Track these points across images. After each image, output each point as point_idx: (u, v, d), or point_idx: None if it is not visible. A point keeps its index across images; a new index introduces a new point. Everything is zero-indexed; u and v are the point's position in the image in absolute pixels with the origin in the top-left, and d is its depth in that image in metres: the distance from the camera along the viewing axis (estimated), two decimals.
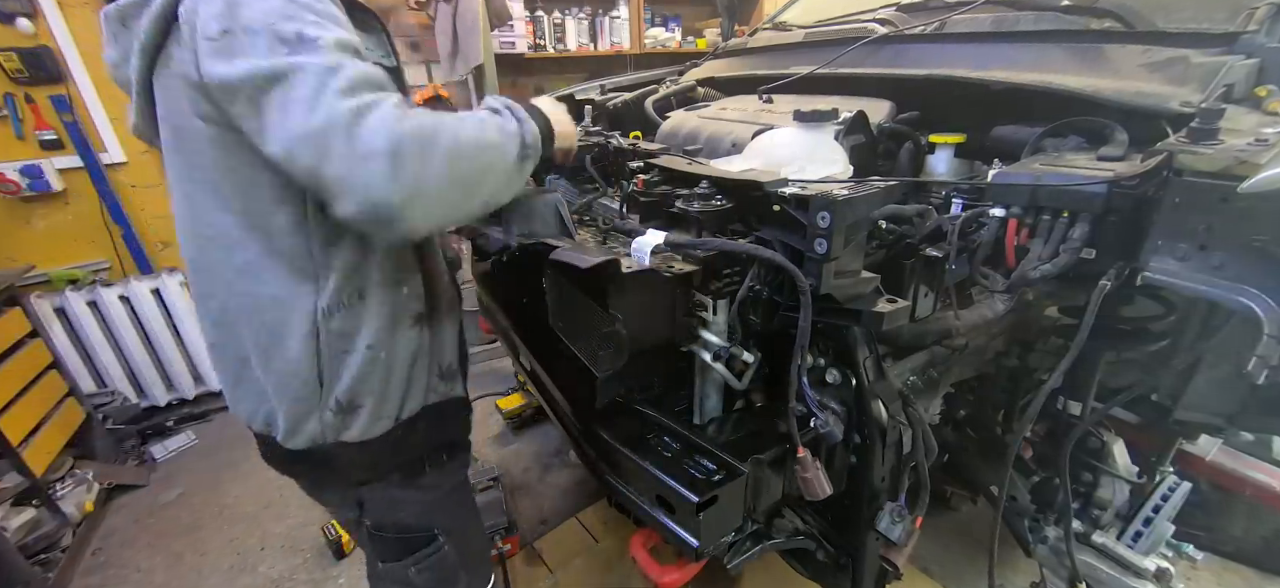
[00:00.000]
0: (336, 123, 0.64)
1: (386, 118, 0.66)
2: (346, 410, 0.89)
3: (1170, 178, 0.84)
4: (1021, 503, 1.43)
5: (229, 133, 0.74)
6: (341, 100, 0.65)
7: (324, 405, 0.88)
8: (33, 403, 2.17)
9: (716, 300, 0.95)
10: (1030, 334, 1.27)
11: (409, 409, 0.96)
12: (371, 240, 0.84)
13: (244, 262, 0.82)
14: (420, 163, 0.67)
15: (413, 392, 0.96)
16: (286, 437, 0.90)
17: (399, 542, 1.05)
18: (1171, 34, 1.19)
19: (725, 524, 0.99)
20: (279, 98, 0.66)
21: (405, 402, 0.95)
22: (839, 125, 1.22)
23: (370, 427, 0.91)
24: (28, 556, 1.99)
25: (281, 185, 0.77)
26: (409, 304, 0.93)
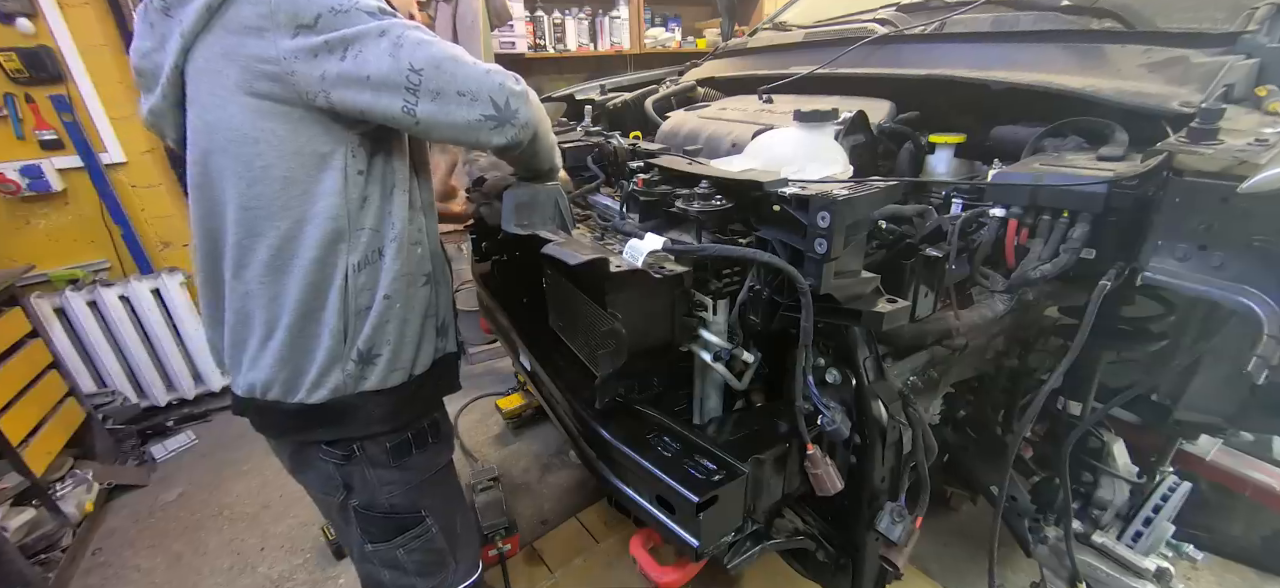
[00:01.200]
0: (472, 73, 0.85)
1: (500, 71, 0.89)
2: (366, 360, 0.96)
3: (1170, 178, 0.84)
4: (1021, 503, 1.43)
5: (281, 106, 0.81)
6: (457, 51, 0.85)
7: (347, 356, 0.94)
8: (33, 403, 2.17)
9: (716, 300, 0.95)
10: (1030, 334, 1.27)
11: (421, 365, 1.04)
12: (394, 195, 0.95)
13: (289, 226, 0.87)
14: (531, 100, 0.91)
15: (424, 347, 1.04)
16: (310, 390, 0.95)
17: (387, 522, 1.08)
18: (1171, 34, 1.19)
19: (725, 524, 0.99)
20: (386, 44, 0.80)
21: (417, 356, 1.03)
22: (839, 125, 1.22)
23: (387, 376, 0.98)
24: (28, 556, 1.99)
25: (325, 152, 0.85)
26: (422, 264, 1.02)
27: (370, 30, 0.79)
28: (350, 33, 0.79)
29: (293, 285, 0.90)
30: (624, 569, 1.93)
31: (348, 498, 1.07)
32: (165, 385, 2.83)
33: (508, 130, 0.87)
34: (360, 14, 0.80)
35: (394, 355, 0.99)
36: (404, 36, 0.80)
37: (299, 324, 0.92)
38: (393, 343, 0.98)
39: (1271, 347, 0.76)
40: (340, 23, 0.79)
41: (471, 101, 0.83)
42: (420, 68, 0.80)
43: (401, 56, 0.79)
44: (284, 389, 0.96)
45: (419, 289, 1.02)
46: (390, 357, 0.98)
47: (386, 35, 0.80)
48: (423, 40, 0.81)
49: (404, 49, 0.80)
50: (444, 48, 0.83)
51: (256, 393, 0.98)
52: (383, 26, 0.80)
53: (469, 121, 0.84)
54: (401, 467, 1.07)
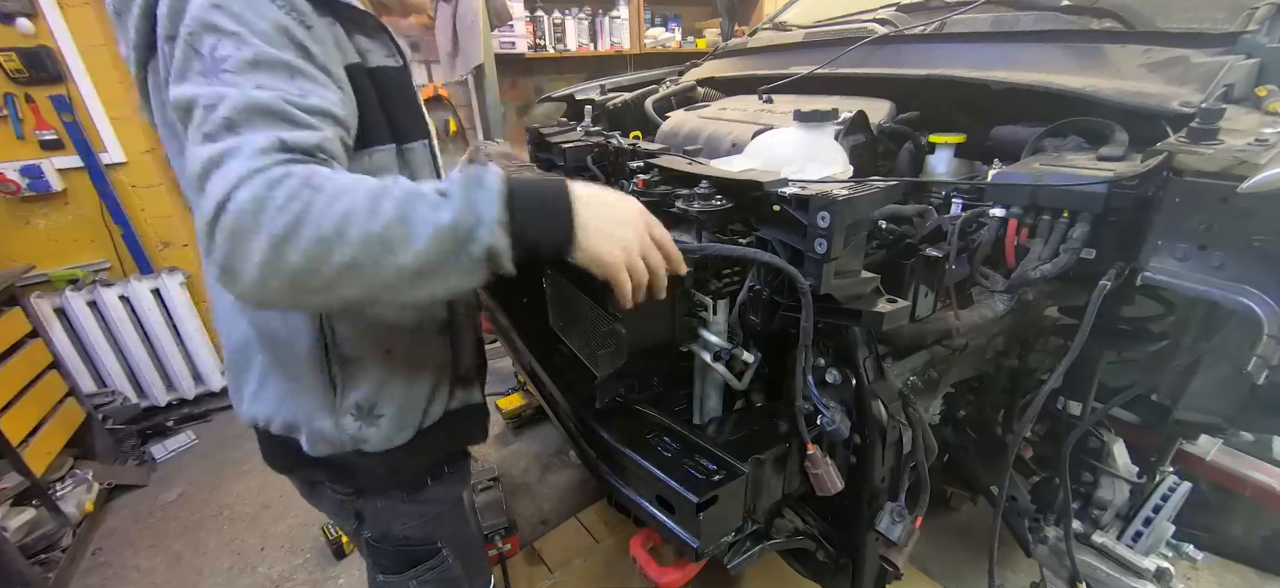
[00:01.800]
0: (193, 175, 0.58)
1: (227, 180, 0.55)
2: (367, 417, 0.86)
3: (1170, 178, 0.84)
4: (1021, 503, 1.43)
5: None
6: (203, 146, 0.58)
7: (341, 409, 0.85)
8: (33, 403, 2.17)
9: (716, 300, 0.94)
10: (1030, 334, 1.27)
11: (431, 417, 0.93)
12: None
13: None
14: (239, 245, 0.55)
15: (436, 398, 0.93)
16: (308, 442, 0.87)
17: (400, 554, 1.02)
18: (1171, 34, 1.19)
19: (725, 524, 0.99)
20: (186, 128, 0.61)
21: (428, 411, 0.92)
22: (839, 125, 1.22)
23: (393, 435, 0.88)
24: (28, 556, 1.99)
25: None
26: (433, 310, 0.90)
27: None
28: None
29: (259, 331, 0.83)
30: (624, 569, 1.93)
31: (360, 528, 1.02)
32: (165, 385, 2.83)
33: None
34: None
35: (400, 414, 0.88)
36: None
37: (286, 368, 0.84)
38: (399, 401, 0.88)
39: (1271, 347, 0.76)
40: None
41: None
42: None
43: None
44: (285, 430, 0.89)
45: (431, 340, 0.91)
46: (396, 415, 0.88)
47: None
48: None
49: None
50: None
51: (258, 424, 0.92)
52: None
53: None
54: (416, 501, 1.00)
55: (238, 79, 0.61)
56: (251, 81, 0.61)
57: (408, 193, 0.60)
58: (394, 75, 0.80)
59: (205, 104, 0.59)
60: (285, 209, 0.55)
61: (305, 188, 0.56)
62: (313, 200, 0.56)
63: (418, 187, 0.61)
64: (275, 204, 0.55)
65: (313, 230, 0.55)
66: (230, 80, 0.60)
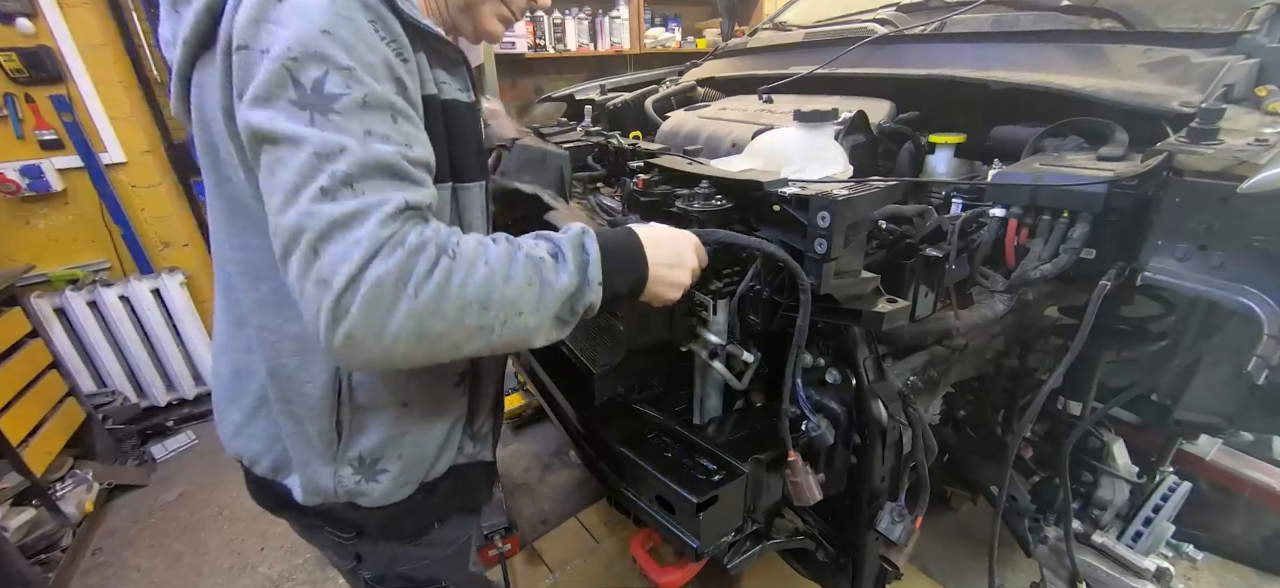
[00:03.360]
0: (304, 231, 0.53)
1: (360, 247, 0.53)
2: (368, 471, 0.79)
3: (1170, 178, 0.84)
4: (1021, 503, 1.43)
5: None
6: (320, 203, 0.53)
7: (341, 459, 0.78)
8: (33, 403, 2.17)
9: (716, 300, 0.95)
10: (1030, 334, 1.27)
11: (436, 472, 0.86)
12: None
13: (270, 291, 0.72)
14: (379, 315, 0.54)
15: (443, 454, 0.86)
16: (300, 490, 0.81)
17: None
18: (1171, 34, 1.19)
19: (725, 524, 0.99)
20: (267, 162, 0.56)
21: (433, 466, 0.85)
22: (839, 125, 1.22)
23: (393, 492, 0.81)
24: (28, 556, 1.98)
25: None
26: (455, 362, 0.80)
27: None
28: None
29: (264, 364, 0.77)
30: (624, 569, 1.93)
31: (358, 567, 0.96)
32: (165, 385, 2.82)
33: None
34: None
35: (405, 470, 0.82)
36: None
37: (289, 406, 0.77)
38: (406, 456, 0.81)
39: (1271, 347, 0.76)
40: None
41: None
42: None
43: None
44: (272, 473, 0.84)
45: (449, 392, 0.84)
46: (399, 471, 0.81)
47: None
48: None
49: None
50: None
51: (244, 462, 0.86)
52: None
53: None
54: (422, 545, 0.93)
55: (348, 123, 0.56)
56: (361, 125, 0.56)
57: (530, 257, 0.64)
58: (465, 112, 0.73)
59: (318, 151, 0.54)
60: (429, 278, 0.56)
61: (444, 255, 0.57)
62: (453, 269, 0.58)
63: (533, 248, 0.66)
64: (419, 273, 0.55)
65: (457, 299, 0.58)
66: (340, 125, 0.55)
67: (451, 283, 0.57)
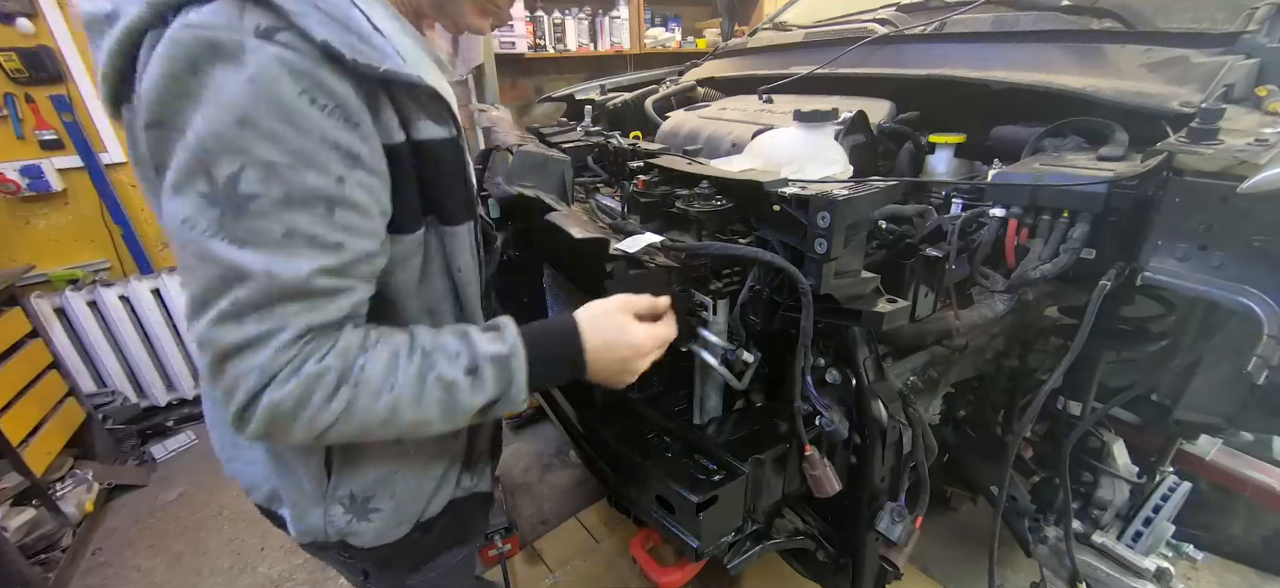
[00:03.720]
0: (206, 345, 0.53)
1: (254, 375, 0.53)
2: (360, 510, 0.75)
3: (1170, 178, 0.84)
4: (1021, 503, 1.43)
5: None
6: (221, 327, 0.52)
7: (331, 498, 0.74)
8: (33, 403, 2.17)
9: (717, 300, 0.95)
10: (1030, 334, 1.27)
11: (432, 510, 0.82)
12: (401, 312, 0.70)
13: None
14: (280, 429, 0.56)
15: (441, 490, 0.82)
16: (291, 520, 0.78)
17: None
18: (1171, 34, 1.19)
19: (725, 524, 0.99)
20: (180, 256, 0.54)
21: (429, 504, 0.81)
22: (839, 125, 1.22)
23: (385, 532, 0.78)
24: (28, 556, 1.98)
25: None
26: None
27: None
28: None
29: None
30: (624, 569, 1.93)
31: (366, 583, 0.92)
32: (165, 385, 2.82)
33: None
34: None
35: (398, 509, 0.78)
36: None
37: (267, 446, 0.75)
38: (399, 496, 0.77)
39: (1271, 347, 0.76)
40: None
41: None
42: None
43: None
44: (267, 501, 0.82)
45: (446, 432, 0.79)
46: (392, 511, 0.77)
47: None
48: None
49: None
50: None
51: (242, 485, 0.84)
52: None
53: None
54: (426, 569, 0.90)
55: (263, 226, 0.51)
56: (280, 226, 0.52)
57: (442, 380, 0.63)
58: (443, 150, 0.65)
59: (223, 274, 0.52)
60: (327, 407, 0.56)
61: (345, 385, 0.57)
62: (355, 397, 0.58)
63: (447, 369, 0.63)
64: (316, 402, 0.56)
65: (359, 421, 0.59)
66: (253, 231, 0.51)
67: (352, 410, 0.58)
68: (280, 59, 0.50)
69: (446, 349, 0.64)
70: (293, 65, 0.51)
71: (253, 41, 0.50)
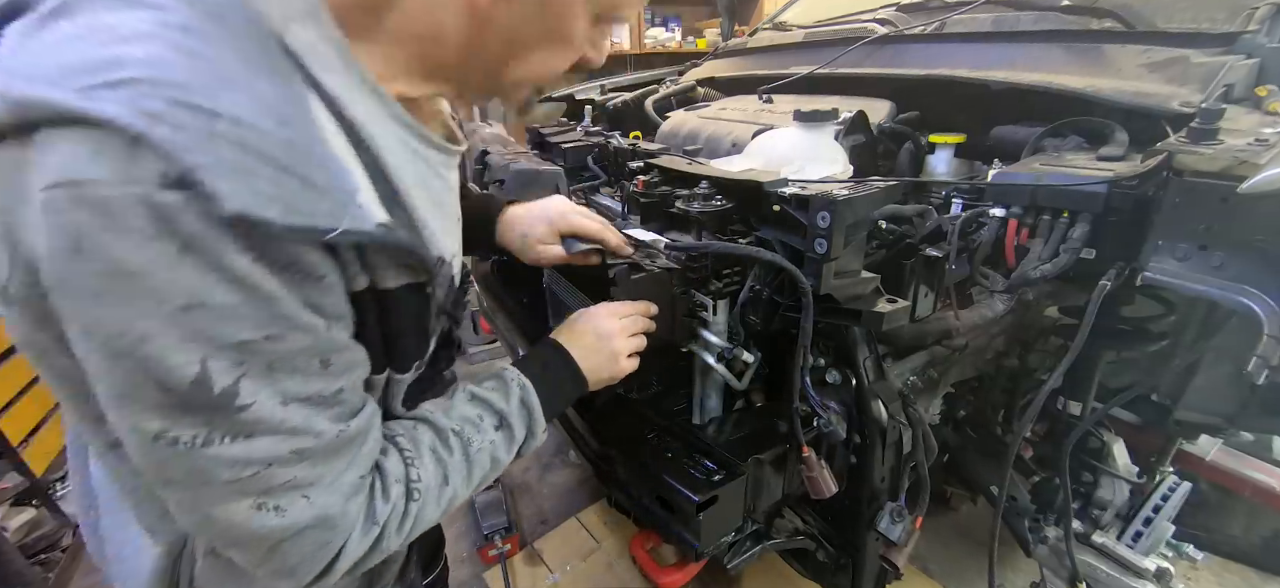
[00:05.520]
0: (253, 546, 0.46)
1: (324, 547, 0.48)
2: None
3: (1170, 178, 0.84)
4: (1021, 503, 1.43)
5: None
6: (264, 518, 0.45)
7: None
8: (33, 403, 2.17)
9: (717, 301, 0.95)
10: (1030, 334, 1.28)
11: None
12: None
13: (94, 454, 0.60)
14: (358, 575, 0.55)
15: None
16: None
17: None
18: (1171, 34, 1.19)
19: (725, 524, 0.99)
20: (161, 473, 0.44)
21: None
22: (839, 125, 1.22)
23: None
24: (28, 556, 1.98)
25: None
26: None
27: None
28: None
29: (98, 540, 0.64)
30: (624, 569, 1.93)
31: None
32: None
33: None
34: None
35: None
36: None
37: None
38: None
39: (1271, 347, 0.76)
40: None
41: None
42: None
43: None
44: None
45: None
46: None
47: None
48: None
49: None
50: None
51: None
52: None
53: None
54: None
55: (266, 407, 0.43)
56: (279, 397, 0.43)
57: (485, 446, 0.62)
58: (406, 300, 0.54)
59: (238, 477, 0.43)
60: (397, 536, 0.54)
61: (413, 504, 0.55)
62: (420, 513, 0.56)
63: (481, 428, 0.63)
64: (387, 543, 0.53)
65: (423, 526, 0.57)
66: (255, 422, 0.42)
67: (419, 522, 0.56)
68: (207, 216, 0.36)
69: (468, 418, 0.63)
70: (226, 226, 0.37)
71: (164, 197, 0.35)
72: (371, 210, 0.45)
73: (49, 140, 0.35)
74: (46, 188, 0.35)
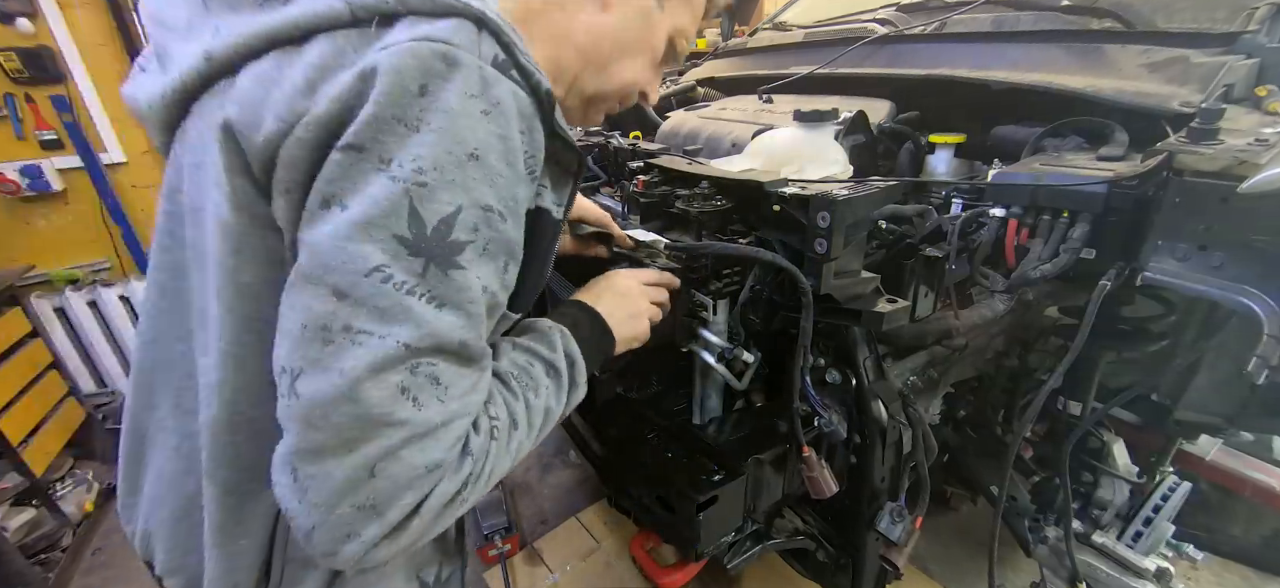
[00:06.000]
0: (365, 433, 0.43)
1: (432, 472, 0.46)
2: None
3: (1170, 178, 0.84)
4: (1021, 503, 1.43)
5: (273, 234, 0.50)
6: (398, 406, 0.43)
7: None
8: (33, 403, 2.17)
9: (717, 301, 0.95)
10: (1030, 334, 1.27)
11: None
12: None
13: (231, 394, 0.55)
14: (427, 528, 0.48)
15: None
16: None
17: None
18: (1171, 34, 1.19)
19: (725, 524, 0.99)
20: (339, 311, 0.43)
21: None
22: (839, 125, 1.22)
23: None
24: (28, 556, 1.98)
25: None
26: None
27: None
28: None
29: (194, 481, 0.62)
30: (624, 569, 1.92)
31: None
32: None
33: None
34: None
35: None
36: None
37: (212, 537, 0.60)
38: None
39: (1271, 347, 0.76)
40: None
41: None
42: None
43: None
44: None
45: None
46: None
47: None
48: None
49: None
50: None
51: (163, 575, 0.73)
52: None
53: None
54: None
55: (467, 284, 0.46)
56: (478, 282, 0.47)
57: (542, 393, 0.60)
58: (550, 229, 0.60)
59: (412, 341, 0.43)
60: (475, 489, 0.50)
61: (494, 444, 0.51)
62: (498, 460, 0.52)
63: (534, 375, 0.60)
64: (469, 492, 0.49)
65: (496, 477, 0.53)
66: (457, 292, 0.45)
67: (494, 473, 0.52)
68: (516, 96, 0.47)
69: (520, 365, 0.60)
70: (522, 108, 0.48)
71: (491, 71, 0.46)
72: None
73: (416, 20, 0.46)
74: (414, 40, 0.43)
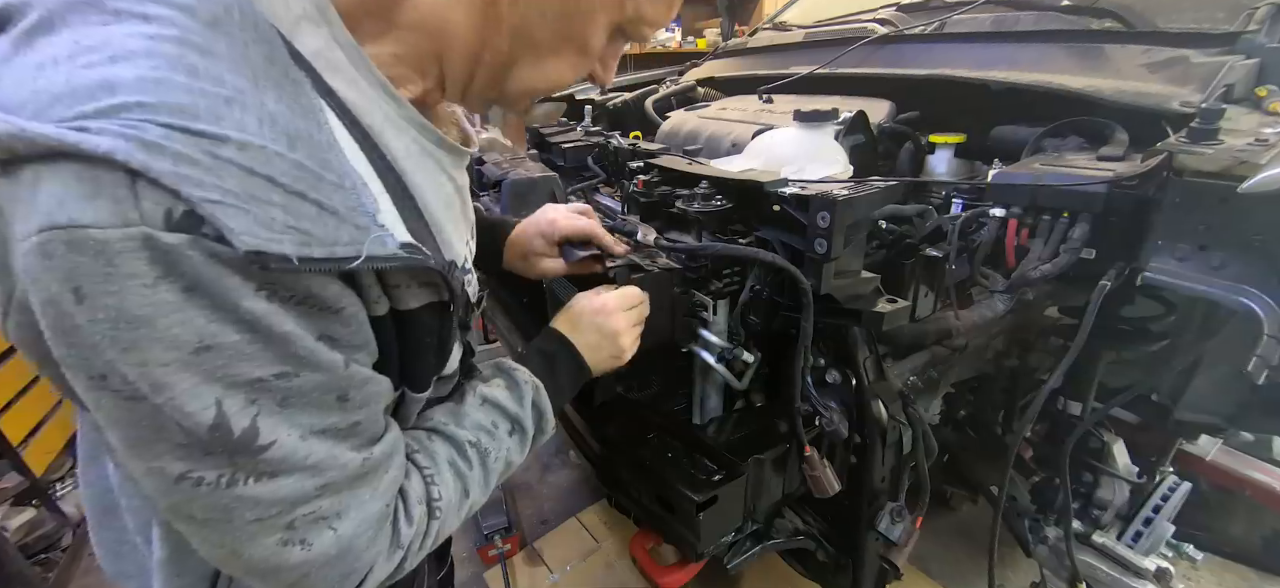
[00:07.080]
0: (277, 576, 0.44)
1: (351, 575, 0.47)
2: None
3: (1170, 178, 0.84)
4: (1021, 503, 1.43)
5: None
6: (288, 553, 0.43)
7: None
8: (33, 403, 2.17)
9: (717, 301, 0.95)
10: (1030, 334, 1.27)
11: None
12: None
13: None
14: (390, 574, 0.52)
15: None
16: None
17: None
18: (1171, 34, 1.19)
19: (725, 524, 0.99)
20: (183, 511, 0.40)
21: None
22: (839, 125, 1.22)
23: None
24: (28, 556, 1.98)
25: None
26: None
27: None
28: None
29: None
30: (624, 569, 1.93)
31: None
32: None
33: None
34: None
35: None
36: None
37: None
38: None
39: (1271, 347, 0.76)
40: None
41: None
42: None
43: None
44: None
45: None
46: None
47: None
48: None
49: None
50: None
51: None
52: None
53: None
54: None
55: (293, 450, 0.41)
56: (296, 430, 0.41)
57: (501, 453, 0.61)
58: (428, 320, 0.52)
59: (262, 515, 0.41)
60: (418, 554, 0.53)
61: (434, 522, 0.54)
62: (441, 529, 0.55)
63: (496, 435, 0.61)
64: (410, 560, 0.53)
65: (442, 539, 0.56)
66: (279, 461, 0.40)
67: (439, 536, 0.55)
68: (215, 256, 0.34)
69: (482, 426, 0.61)
70: (237, 265, 0.34)
71: (166, 242, 0.32)
72: (394, 231, 0.43)
73: (38, 177, 0.31)
74: (40, 232, 0.31)
